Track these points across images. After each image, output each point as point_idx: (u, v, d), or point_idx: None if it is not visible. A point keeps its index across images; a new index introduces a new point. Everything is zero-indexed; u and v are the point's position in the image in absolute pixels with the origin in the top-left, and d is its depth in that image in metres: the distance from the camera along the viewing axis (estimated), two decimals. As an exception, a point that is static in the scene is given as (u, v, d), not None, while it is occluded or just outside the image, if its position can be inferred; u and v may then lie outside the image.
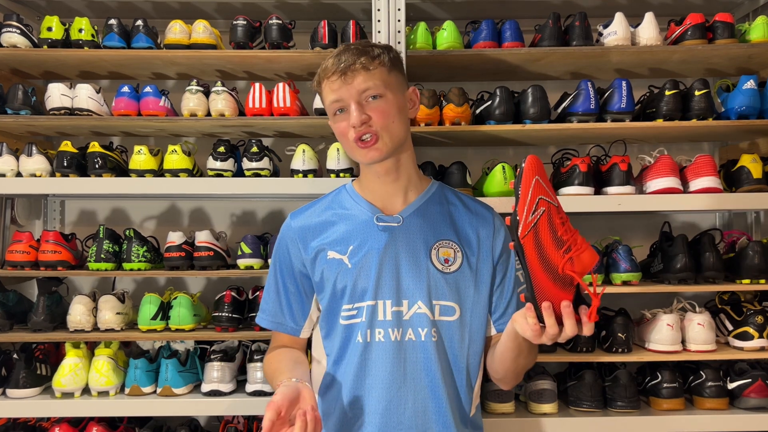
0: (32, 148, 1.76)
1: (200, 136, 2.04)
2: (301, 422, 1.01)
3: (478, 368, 1.30)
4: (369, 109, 1.21)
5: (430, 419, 1.22)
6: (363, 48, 1.23)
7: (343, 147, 1.29)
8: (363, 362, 1.23)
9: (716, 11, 1.82)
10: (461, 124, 1.77)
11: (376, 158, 1.23)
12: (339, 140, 1.28)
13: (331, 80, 1.22)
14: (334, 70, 1.21)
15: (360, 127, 1.20)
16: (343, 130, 1.23)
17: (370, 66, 1.21)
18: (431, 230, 1.28)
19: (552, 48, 1.77)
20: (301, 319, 1.33)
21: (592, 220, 2.11)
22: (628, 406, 1.70)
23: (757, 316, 1.72)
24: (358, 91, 1.21)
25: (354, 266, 1.25)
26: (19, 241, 1.78)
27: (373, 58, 1.22)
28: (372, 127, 1.21)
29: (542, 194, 1.02)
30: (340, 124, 1.24)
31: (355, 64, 1.20)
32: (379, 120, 1.21)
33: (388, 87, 1.23)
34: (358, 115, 1.19)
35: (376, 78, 1.22)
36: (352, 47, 1.24)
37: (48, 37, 1.80)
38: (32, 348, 1.84)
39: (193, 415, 1.93)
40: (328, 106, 1.25)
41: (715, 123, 1.77)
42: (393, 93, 1.24)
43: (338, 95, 1.22)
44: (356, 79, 1.20)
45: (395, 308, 1.23)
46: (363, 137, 1.21)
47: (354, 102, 1.20)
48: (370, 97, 1.21)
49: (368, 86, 1.21)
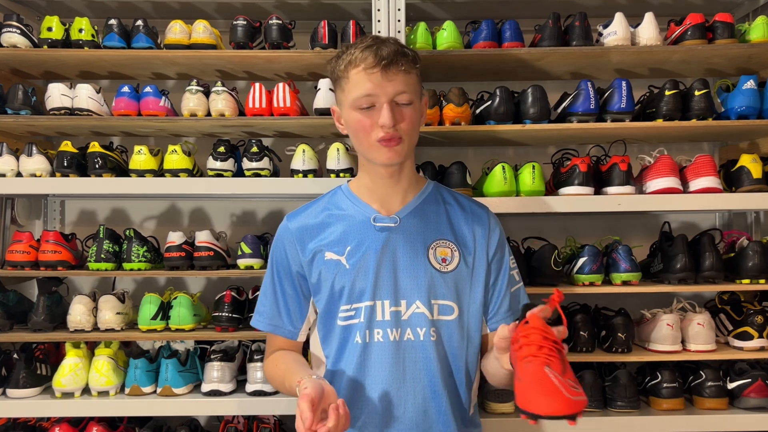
0: (32, 148, 1.76)
1: (200, 136, 2.04)
2: (334, 415, 1.01)
3: (476, 367, 1.31)
4: (399, 113, 1.19)
5: (430, 419, 1.22)
6: (401, 49, 1.19)
7: (355, 142, 1.26)
8: (362, 363, 1.23)
9: (716, 11, 1.82)
10: (461, 124, 1.77)
11: (394, 161, 1.23)
12: (353, 134, 1.24)
13: (371, 72, 1.17)
14: (375, 62, 1.16)
15: (390, 129, 1.18)
16: (366, 126, 1.20)
17: (409, 70, 1.19)
18: (428, 230, 1.29)
19: (552, 48, 1.77)
20: (299, 321, 1.33)
21: (592, 220, 2.11)
22: (628, 406, 1.70)
23: (757, 316, 1.72)
24: (395, 91, 1.18)
25: (352, 267, 1.25)
26: (19, 241, 1.78)
27: (410, 61, 1.20)
28: (398, 131, 1.19)
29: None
30: (364, 120, 1.20)
31: (397, 64, 1.17)
32: (406, 126, 1.20)
33: (416, 94, 1.23)
34: (391, 116, 1.17)
35: (412, 83, 1.20)
36: (389, 42, 1.19)
37: (48, 37, 1.80)
38: (32, 348, 1.84)
39: (193, 415, 1.93)
40: (356, 98, 1.19)
41: (715, 123, 1.77)
42: (419, 100, 1.24)
43: (373, 90, 1.17)
44: (397, 79, 1.17)
45: (393, 308, 1.23)
46: (388, 138, 1.19)
47: (388, 102, 1.18)
48: (402, 101, 1.20)
49: (405, 90, 1.19)
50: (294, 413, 1.71)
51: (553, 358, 0.99)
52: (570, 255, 1.85)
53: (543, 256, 1.74)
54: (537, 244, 1.83)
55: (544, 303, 1.05)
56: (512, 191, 1.75)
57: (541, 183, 1.75)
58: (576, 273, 1.76)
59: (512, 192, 1.75)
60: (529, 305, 1.07)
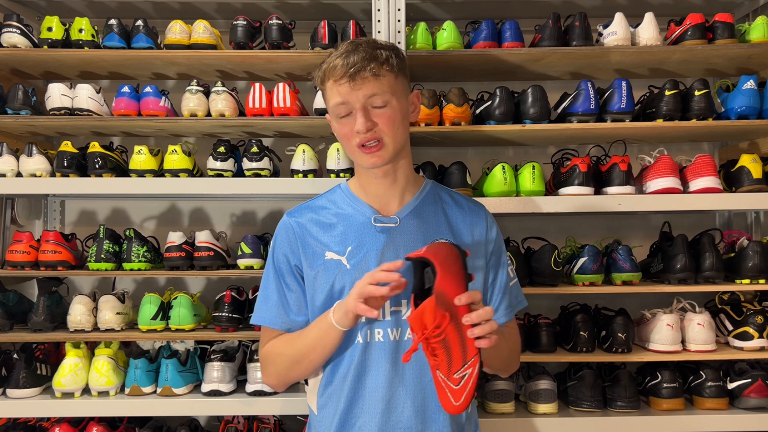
0: (32, 148, 1.76)
1: (200, 136, 2.04)
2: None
3: None
4: (375, 116, 1.20)
5: (429, 418, 1.23)
6: (372, 51, 1.20)
7: (343, 148, 1.29)
8: (363, 362, 1.23)
9: (716, 11, 1.82)
10: (461, 124, 1.77)
11: (378, 164, 1.23)
12: (340, 141, 1.27)
13: (339, 83, 1.19)
14: (343, 73, 1.18)
15: (365, 134, 1.19)
16: (347, 133, 1.22)
17: (379, 72, 1.19)
18: (428, 230, 1.29)
19: (552, 48, 1.77)
20: (306, 312, 1.30)
21: (592, 220, 2.11)
22: (628, 406, 1.70)
23: (757, 316, 1.72)
24: (365, 96, 1.19)
25: (353, 267, 1.25)
26: (20, 241, 1.78)
27: (382, 63, 1.20)
28: (377, 133, 1.20)
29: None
30: (344, 128, 1.23)
31: (364, 71, 1.18)
32: (384, 127, 1.21)
33: (394, 93, 1.22)
34: (363, 122, 1.18)
35: (384, 85, 1.20)
36: (361, 47, 1.21)
37: (48, 37, 1.80)
38: (32, 348, 1.84)
39: (193, 415, 1.93)
40: (332, 107, 1.23)
41: (715, 123, 1.77)
42: (398, 99, 1.23)
43: (344, 99, 1.20)
44: (365, 86, 1.19)
45: (394, 308, 1.24)
46: (367, 143, 1.20)
47: (360, 108, 1.19)
48: (377, 104, 1.20)
49: (375, 93, 1.19)
50: (294, 413, 1.72)
51: (438, 352, 1.05)
52: (570, 255, 1.85)
53: (543, 256, 1.74)
54: (537, 244, 1.83)
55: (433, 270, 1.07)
56: (512, 191, 1.75)
57: (541, 183, 1.75)
58: (576, 273, 1.76)
59: (512, 192, 1.75)
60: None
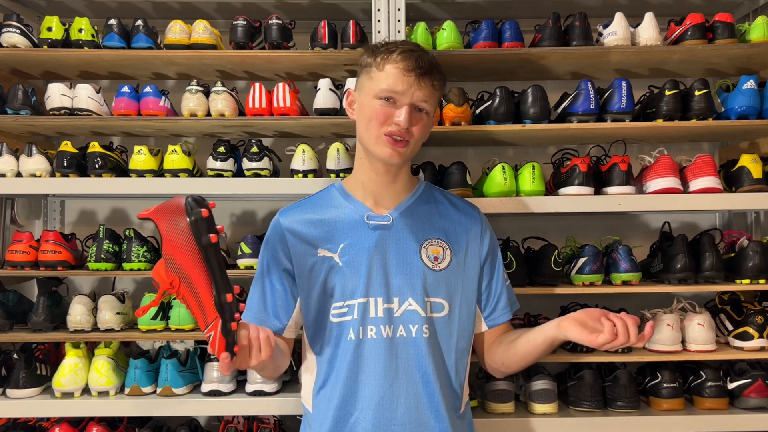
0: (32, 148, 1.76)
1: (200, 136, 2.04)
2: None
3: (466, 363, 1.34)
4: (415, 118, 1.25)
5: (423, 414, 1.24)
6: (435, 63, 1.28)
7: (363, 130, 1.29)
8: (356, 359, 1.25)
9: (716, 11, 1.82)
10: (461, 124, 1.77)
11: (395, 160, 1.27)
12: (365, 120, 1.28)
13: (405, 73, 1.23)
14: (414, 67, 1.22)
15: (403, 128, 1.23)
16: (381, 117, 1.24)
17: (436, 85, 1.27)
18: (421, 229, 1.32)
19: (552, 48, 1.77)
20: (285, 318, 1.33)
21: (592, 220, 2.11)
22: (628, 406, 1.70)
23: (757, 316, 1.72)
24: (419, 98, 1.24)
25: (345, 264, 1.27)
26: (19, 241, 1.78)
27: (440, 79, 1.29)
28: (408, 133, 1.25)
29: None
30: (383, 110, 1.24)
31: (431, 76, 1.25)
32: (417, 132, 1.26)
33: (433, 107, 1.30)
34: (408, 118, 1.23)
35: (434, 97, 1.28)
36: (428, 55, 1.27)
37: (48, 37, 1.80)
38: (32, 348, 1.84)
39: (193, 415, 1.93)
40: (381, 89, 1.25)
41: (715, 123, 1.77)
42: (433, 113, 1.31)
43: (403, 90, 1.23)
44: (425, 89, 1.24)
45: (386, 305, 1.26)
46: (397, 137, 1.24)
47: (410, 104, 1.24)
48: (421, 109, 1.26)
49: (427, 99, 1.26)
50: (294, 413, 1.72)
51: (190, 303, 1.05)
52: (570, 255, 1.85)
53: (543, 256, 1.74)
54: (537, 244, 1.83)
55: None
56: (512, 191, 1.75)
57: (541, 183, 1.75)
58: (576, 273, 1.76)
59: (512, 192, 1.75)
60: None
